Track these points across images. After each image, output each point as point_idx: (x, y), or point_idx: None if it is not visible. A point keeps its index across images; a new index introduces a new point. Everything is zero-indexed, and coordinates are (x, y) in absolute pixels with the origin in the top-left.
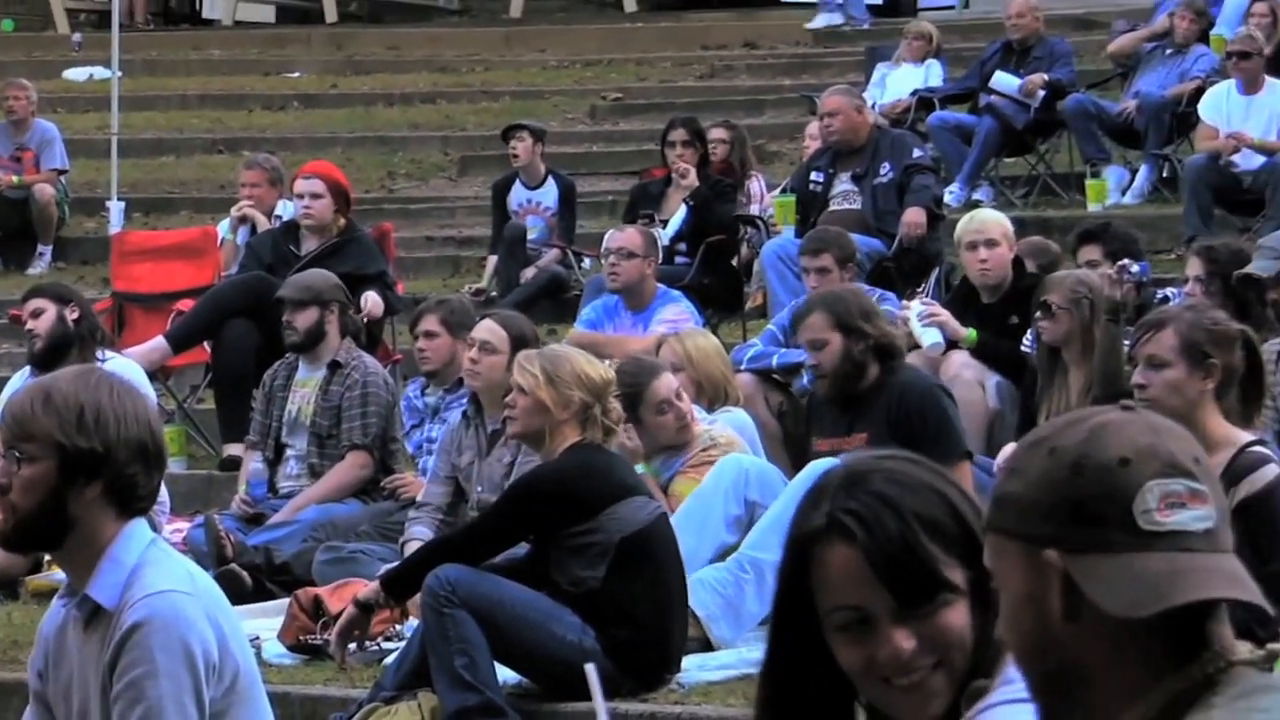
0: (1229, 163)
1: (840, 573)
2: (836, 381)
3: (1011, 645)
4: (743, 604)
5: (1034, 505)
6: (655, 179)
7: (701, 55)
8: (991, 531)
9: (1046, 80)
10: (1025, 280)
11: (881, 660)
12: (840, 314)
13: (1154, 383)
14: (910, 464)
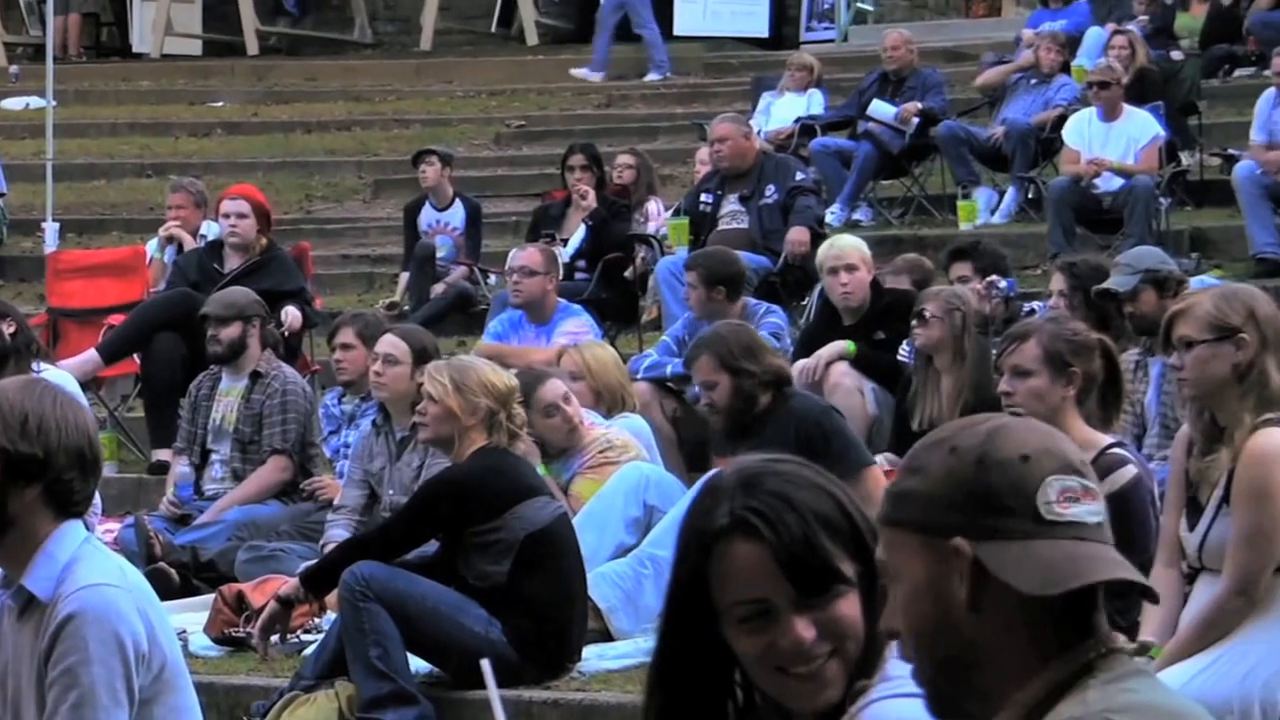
0: (1090, 185)
1: (744, 568)
2: (730, 415)
3: (908, 634)
4: (641, 597)
5: (939, 498)
6: (556, 201)
7: (599, 86)
8: (890, 526)
9: (920, 108)
10: (884, 299)
11: (782, 649)
12: (723, 355)
13: (1019, 390)
14: (798, 466)
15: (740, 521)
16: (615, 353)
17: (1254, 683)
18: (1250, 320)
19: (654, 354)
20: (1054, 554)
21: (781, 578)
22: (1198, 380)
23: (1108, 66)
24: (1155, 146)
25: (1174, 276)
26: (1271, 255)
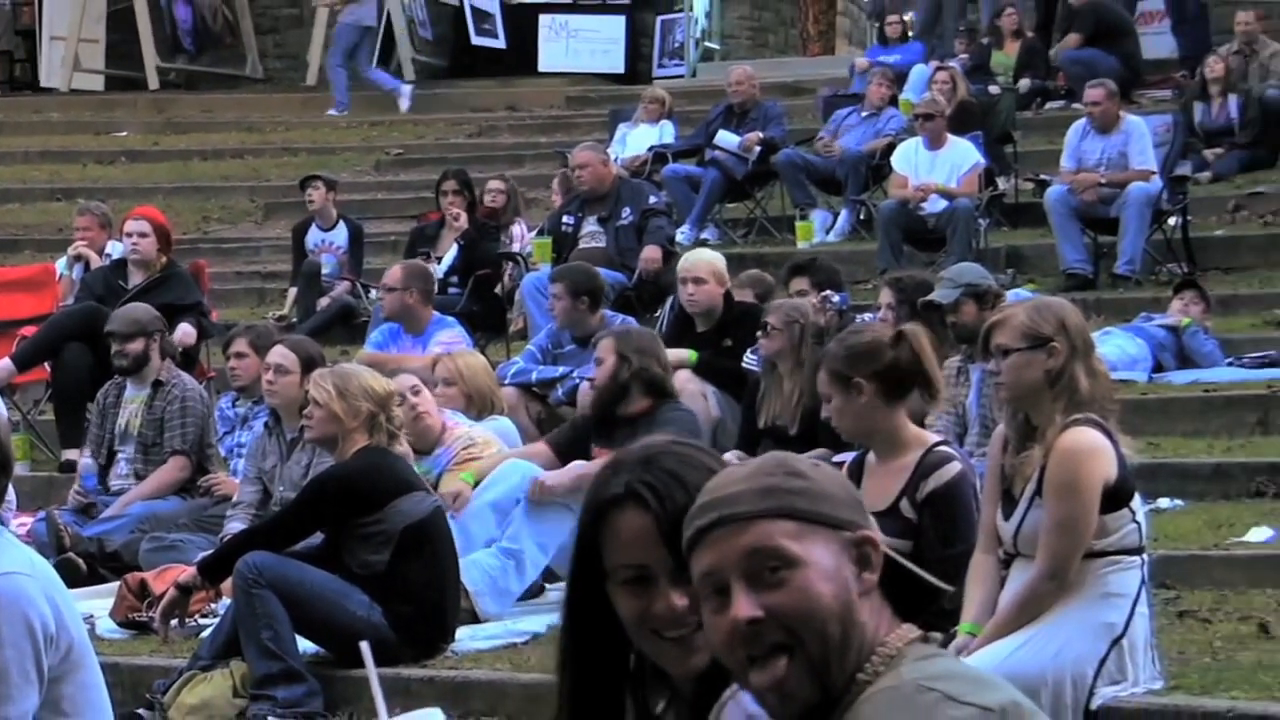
0: (916, 207)
1: (631, 535)
2: (601, 395)
3: (810, 625)
4: (506, 584)
5: (836, 495)
6: (431, 222)
7: (470, 117)
8: (785, 518)
9: (762, 138)
10: (735, 309)
11: (657, 613)
12: (622, 342)
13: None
14: (697, 450)
15: (633, 493)
16: (485, 360)
17: (1066, 658)
18: (1061, 330)
19: (520, 361)
20: None
21: (663, 548)
22: (1013, 384)
23: (932, 100)
24: (975, 172)
25: (992, 290)
26: (1080, 271)
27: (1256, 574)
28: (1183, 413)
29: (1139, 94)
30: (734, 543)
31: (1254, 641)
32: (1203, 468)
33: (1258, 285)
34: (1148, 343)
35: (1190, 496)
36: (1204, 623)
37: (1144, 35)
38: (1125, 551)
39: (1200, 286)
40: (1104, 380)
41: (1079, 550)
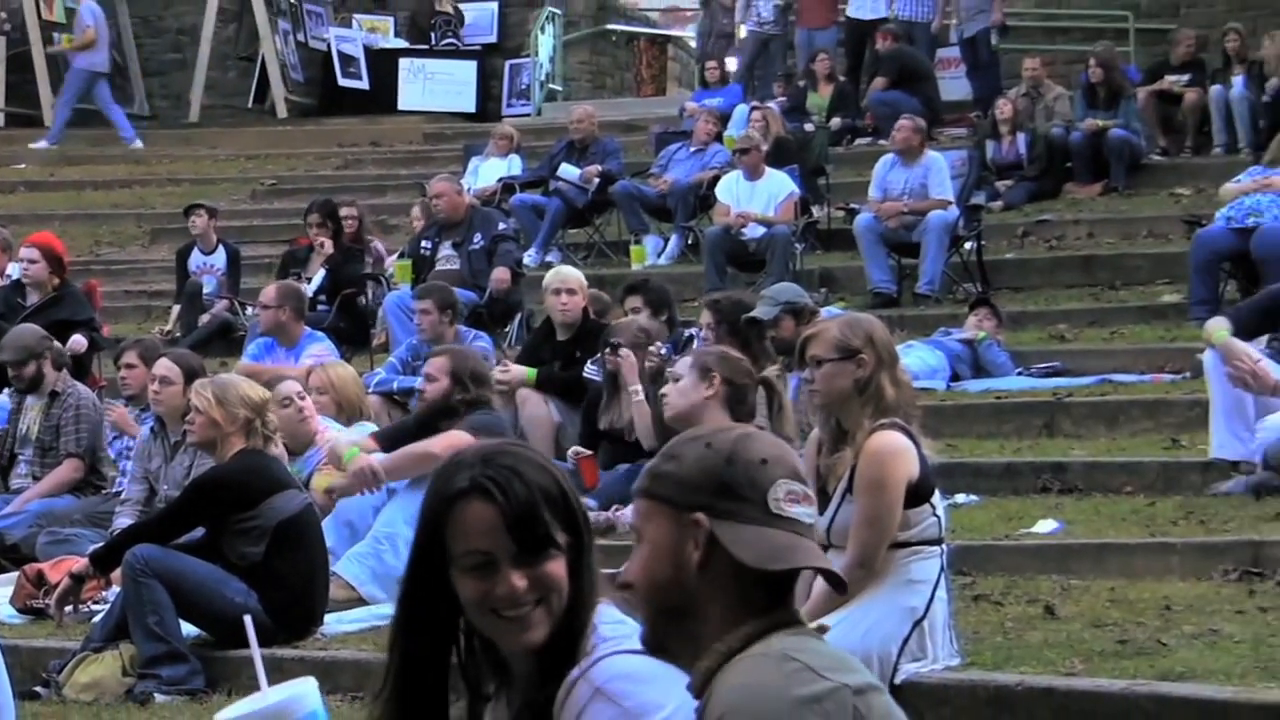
0: (738, 233)
1: (477, 524)
2: (430, 408)
3: (644, 584)
4: (384, 568)
5: (690, 481)
6: (302, 246)
7: (337, 151)
8: (646, 497)
9: (600, 170)
10: (588, 324)
11: (498, 594)
12: (457, 367)
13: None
14: (528, 450)
15: (478, 486)
16: (353, 371)
17: (872, 639)
18: (869, 343)
19: (383, 372)
20: (775, 540)
21: (506, 535)
22: (826, 392)
23: (749, 135)
24: (791, 201)
25: (807, 307)
26: (885, 290)
27: (1043, 562)
28: (977, 417)
29: (938, 132)
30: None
31: (1041, 622)
32: (995, 467)
33: (1044, 303)
34: (946, 355)
35: (984, 492)
36: (996, 605)
37: (942, 79)
38: (926, 542)
39: (993, 304)
40: (907, 388)
41: (885, 541)
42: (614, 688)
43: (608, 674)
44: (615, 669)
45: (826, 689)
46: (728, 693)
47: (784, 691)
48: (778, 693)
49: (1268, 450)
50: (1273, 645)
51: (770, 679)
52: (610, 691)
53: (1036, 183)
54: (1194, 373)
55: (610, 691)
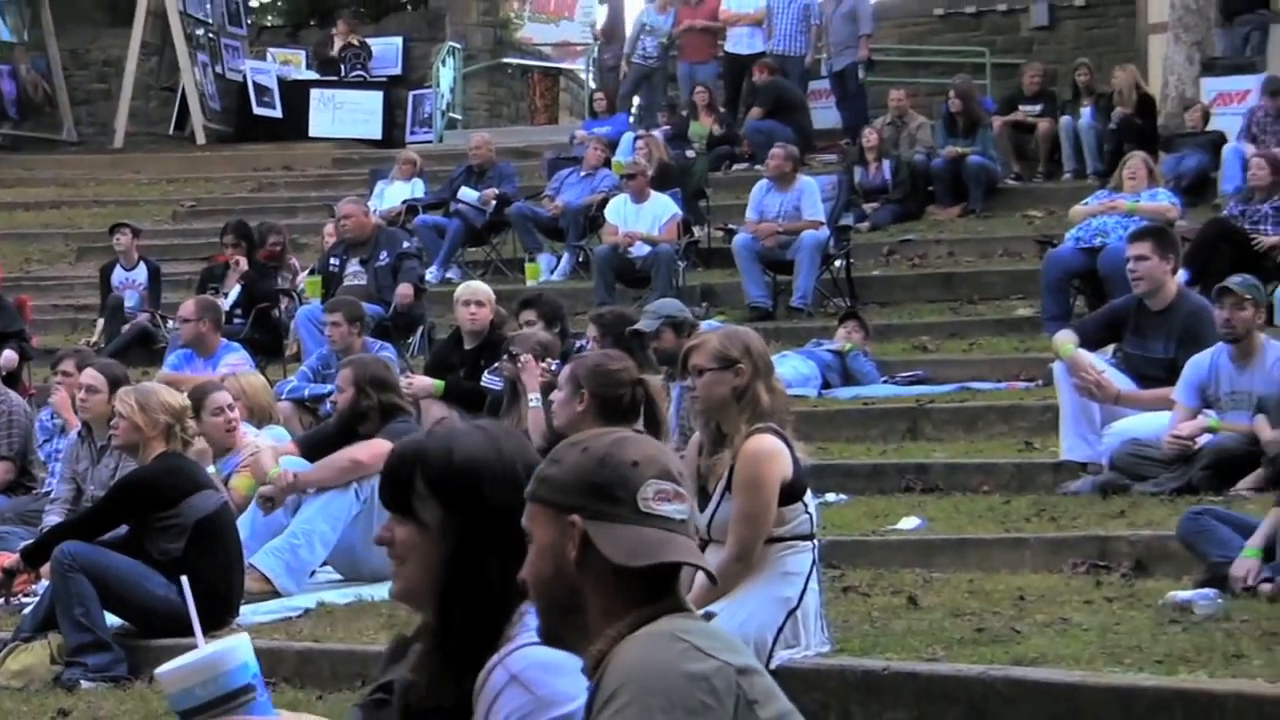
0: (625, 251)
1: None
2: (342, 417)
3: (533, 582)
4: (299, 563)
5: (567, 484)
6: (219, 263)
7: (252, 175)
8: (531, 500)
9: (497, 193)
10: (493, 334)
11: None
12: (360, 377)
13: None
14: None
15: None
16: (265, 379)
17: (750, 627)
18: (746, 354)
19: (294, 380)
20: (645, 537)
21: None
22: (707, 398)
23: (635, 162)
24: (674, 222)
25: (689, 320)
26: (761, 304)
27: (907, 556)
28: (846, 422)
29: (810, 158)
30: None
31: (905, 612)
32: (862, 468)
33: (908, 316)
34: (818, 364)
35: (852, 492)
36: (864, 596)
37: (814, 109)
38: (799, 537)
39: (860, 317)
40: (781, 396)
41: (761, 537)
42: (528, 675)
43: (523, 662)
44: (531, 658)
45: (713, 667)
46: (621, 669)
47: (674, 667)
48: (668, 668)
49: (1113, 453)
50: (1118, 632)
51: (661, 656)
52: (524, 679)
53: (901, 205)
54: (1046, 381)
55: (524, 679)
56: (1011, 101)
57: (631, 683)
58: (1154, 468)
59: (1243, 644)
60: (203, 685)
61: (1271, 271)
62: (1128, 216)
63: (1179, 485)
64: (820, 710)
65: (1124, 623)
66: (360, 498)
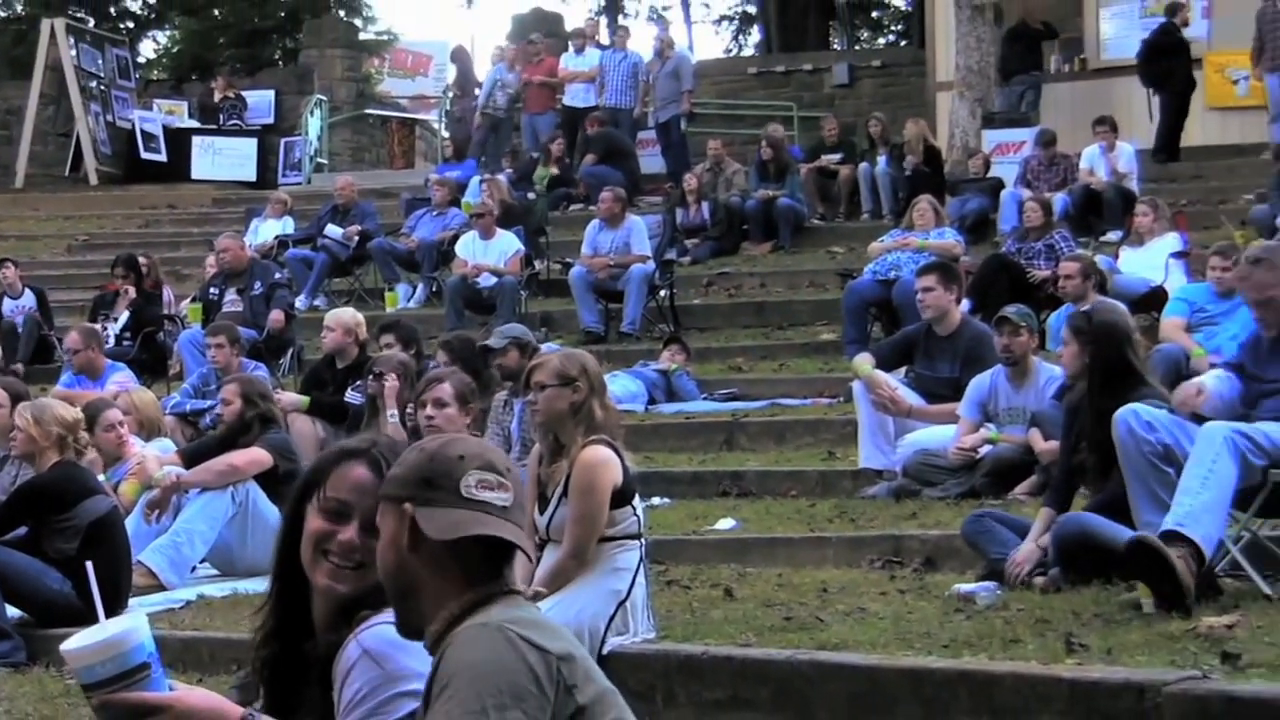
0: (474, 282)
1: (354, 480)
2: (229, 428)
3: (381, 573)
4: (182, 559)
5: (403, 478)
6: (110, 292)
7: (140, 213)
8: (380, 498)
9: (360, 230)
10: (361, 356)
11: (339, 540)
12: (246, 390)
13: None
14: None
15: (372, 455)
16: (152, 395)
17: (584, 616)
18: (583, 373)
19: (178, 397)
20: (461, 517)
21: (372, 499)
22: (547, 412)
23: (483, 202)
24: (517, 256)
25: (531, 343)
26: (595, 329)
27: (724, 553)
28: (670, 434)
29: (638, 199)
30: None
31: (721, 602)
32: (684, 475)
33: (725, 341)
34: (645, 383)
35: (675, 496)
36: (685, 589)
37: (642, 156)
38: (628, 537)
39: (683, 341)
40: (613, 411)
41: (594, 536)
42: (378, 650)
43: (375, 640)
44: (383, 636)
45: (536, 657)
46: (453, 661)
47: (501, 659)
48: (496, 659)
49: (906, 462)
50: (910, 620)
51: (490, 648)
52: (375, 654)
53: (718, 242)
54: (846, 398)
55: (375, 654)
56: (816, 150)
57: (463, 673)
58: (941, 475)
59: (1018, 630)
60: (103, 663)
61: (1044, 301)
62: (918, 252)
63: (963, 490)
64: (647, 690)
65: (915, 612)
66: (236, 500)
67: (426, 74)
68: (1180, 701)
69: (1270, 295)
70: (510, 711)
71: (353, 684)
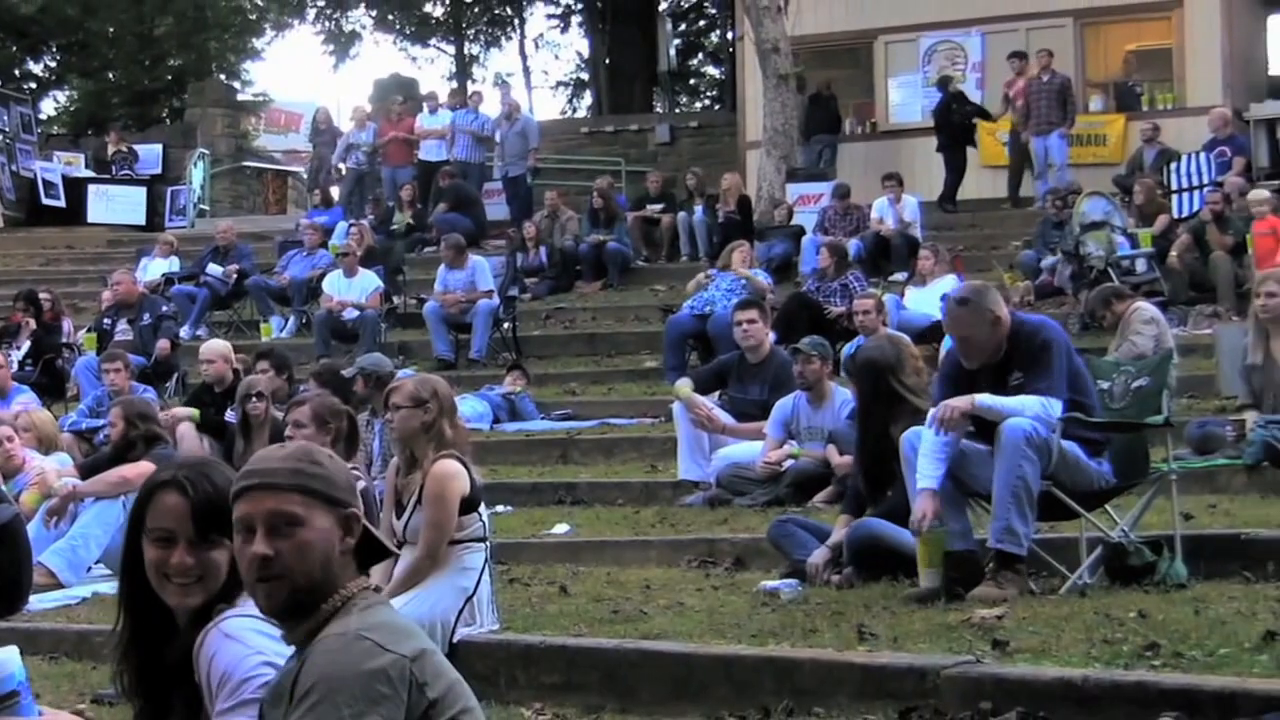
0: (339, 315)
1: (168, 508)
2: (116, 447)
3: (301, 566)
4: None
5: (344, 485)
6: (13, 323)
7: (42, 252)
8: (306, 494)
9: (238, 269)
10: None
11: (171, 564)
12: (129, 412)
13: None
14: (216, 463)
15: (175, 480)
16: (50, 415)
17: (436, 610)
18: (435, 396)
19: (75, 416)
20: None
21: (189, 521)
22: (403, 430)
23: (347, 244)
24: (378, 293)
25: (389, 371)
26: (446, 357)
27: (559, 554)
28: (512, 450)
29: (485, 243)
30: (263, 502)
31: (557, 598)
32: (524, 485)
33: (560, 367)
34: (490, 404)
35: (517, 504)
36: (525, 585)
37: (488, 205)
38: (475, 540)
39: (524, 368)
40: (462, 429)
41: (445, 540)
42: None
43: (236, 625)
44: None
45: (390, 660)
46: (314, 670)
47: (357, 666)
48: (352, 667)
49: (719, 474)
50: (722, 613)
51: (346, 657)
52: (237, 636)
53: (555, 281)
54: (667, 418)
55: (237, 636)
56: (641, 201)
57: (322, 682)
58: (750, 485)
59: (817, 621)
60: None
61: (840, 334)
62: (729, 290)
63: (769, 499)
64: (491, 675)
65: (727, 606)
66: (127, 508)
67: (298, 130)
68: (957, 682)
69: (970, 333)
70: (368, 716)
71: (220, 664)
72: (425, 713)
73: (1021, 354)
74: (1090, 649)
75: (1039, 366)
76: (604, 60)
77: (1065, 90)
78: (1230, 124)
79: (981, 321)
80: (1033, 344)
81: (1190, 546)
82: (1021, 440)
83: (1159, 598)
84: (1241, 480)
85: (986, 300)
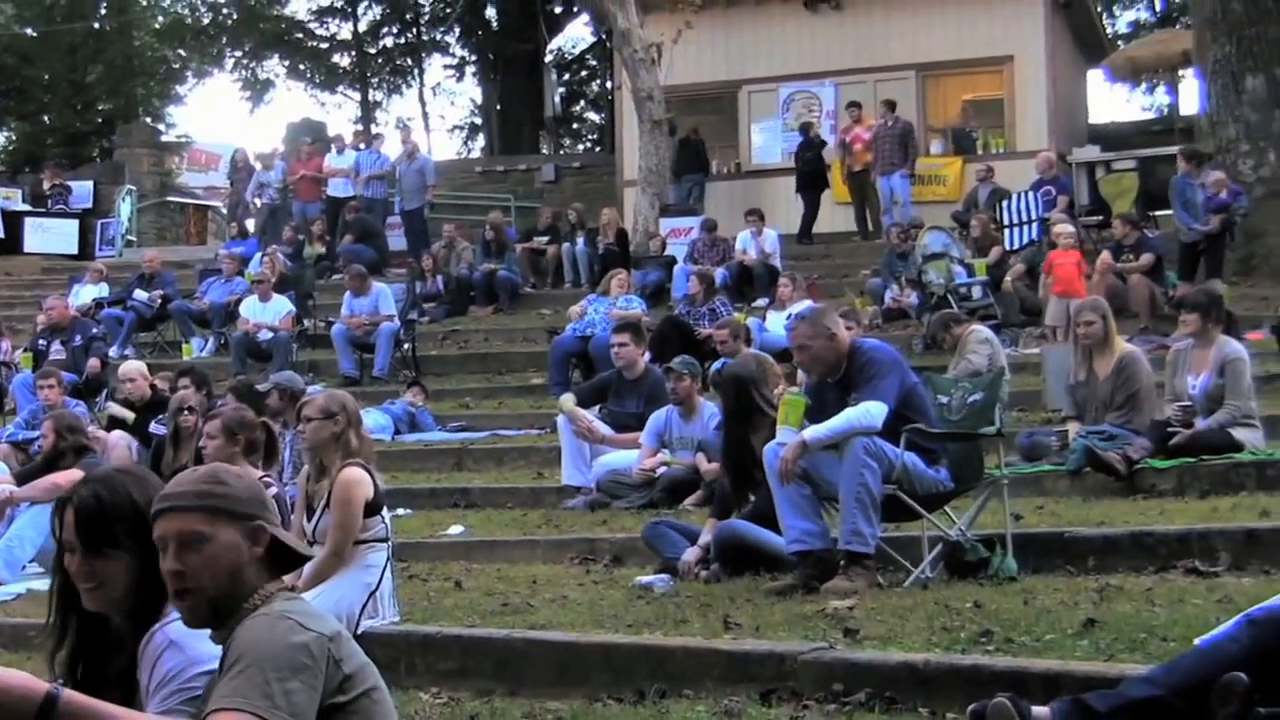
0: (255, 336)
1: (67, 522)
2: (46, 457)
3: (211, 578)
4: (14, 560)
5: (250, 499)
6: None
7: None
8: (209, 513)
9: (162, 294)
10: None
11: (74, 572)
12: (60, 425)
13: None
14: (121, 476)
15: (70, 496)
16: None
17: (342, 604)
18: (343, 409)
19: (12, 428)
20: (284, 532)
21: (74, 532)
22: (313, 440)
23: (262, 272)
24: (290, 316)
25: (301, 388)
26: (352, 375)
27: (454, 553)
28: (412, 458)
29: (387, 271)
30: (173, 522)
31: (452, 592)
32: (423, 490)
33: (456, 383)
34: (392, 417)
35: (416, 508)
36: (423, 581)
37: (391, 237)
38: (378, 540)
39: (422, 384)
40: (367, 440)
41: (350, 540)
42: (181, 640)
43: (178, 631)
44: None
45: (311, 637)
46: (241, 643)
47: (282, 639)
48: (278, 640)
49: (599, 479)
50: (601, 606)
51: (272, 631)
52: (179, 642)
53: (451, 306)
54: (552, 429)
55: (179, 642)
56: (529, 233)
57: (249, 652)
58: (627, 490)
59: (687, 612)
60: None
61: (708, 353)
62: (607, 314)
63: (644, 502)
64: (392, 663)
65: (606, 599)
66: None
67: (217, 169)
68: (812, 666)
69: (808, 344)
70: (290, 682)
71: (162, 666)
72: (340, 685)
73: (857, 372)
74: (931, 636)
75: (868, 382)
76: (495, 106)
77: (908, 135)
78: (1055, 166)
79: (819, 335)
80: (865, 363)
81: (1020, 543)
82: (860, 450)
83: (992, 589)
84: (1065, 484)
85: (824, 318)
